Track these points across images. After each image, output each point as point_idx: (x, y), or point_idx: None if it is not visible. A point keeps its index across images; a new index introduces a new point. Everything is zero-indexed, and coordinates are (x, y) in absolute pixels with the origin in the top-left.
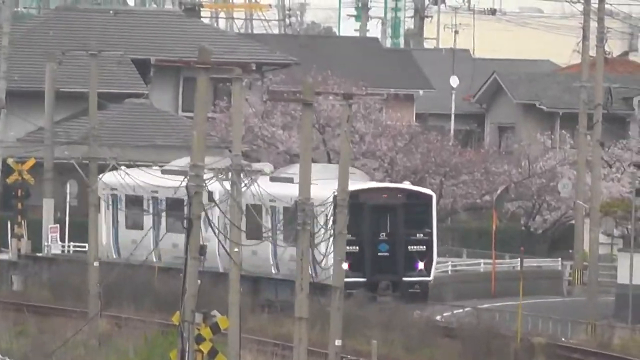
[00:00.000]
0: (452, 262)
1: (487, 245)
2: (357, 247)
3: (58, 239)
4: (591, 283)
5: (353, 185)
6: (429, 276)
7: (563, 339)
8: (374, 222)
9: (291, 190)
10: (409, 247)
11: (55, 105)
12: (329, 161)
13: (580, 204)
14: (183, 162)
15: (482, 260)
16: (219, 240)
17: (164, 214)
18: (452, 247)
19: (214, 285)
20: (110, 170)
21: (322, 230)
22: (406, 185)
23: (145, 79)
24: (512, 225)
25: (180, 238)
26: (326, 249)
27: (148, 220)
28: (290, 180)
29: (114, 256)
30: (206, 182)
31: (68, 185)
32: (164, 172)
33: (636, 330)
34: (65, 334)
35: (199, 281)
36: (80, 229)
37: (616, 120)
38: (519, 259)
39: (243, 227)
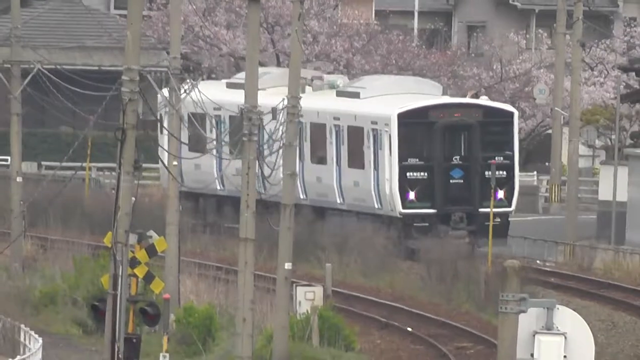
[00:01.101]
0: None
1: None
2: (426, 174)
3: None
4: (570, 200)
5: (421, 101)
6: (510, 207)
7: (538, 262)
8: (445, 144)
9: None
10: (487, 173)
11: None
12: (278, 64)
13: (558, 111)
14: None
15: None
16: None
17: (226, 135)
18: None
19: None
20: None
21: (387, 153)
22: (484, 100)
23: None
24: None
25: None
26: (392, 177)
27: (212, 143)
28: (356, 95)
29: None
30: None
31: None
32: (229, 85)
33: (619, 252)
34: None
35: (133, 198)
36: (1, 141)
37: (599, 18)
38: (490, 172)
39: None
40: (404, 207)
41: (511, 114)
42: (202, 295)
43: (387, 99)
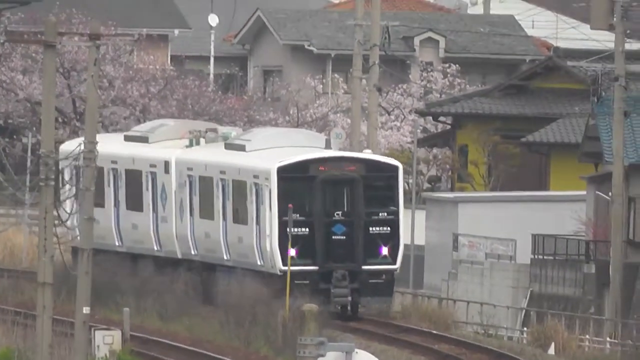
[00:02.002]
0: None
1: None
2: (307, 229)
3: None
4: None
5: (301, 154)
6: (395, 264)
7: (337, 306)
8: (327, 199)
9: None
10: (371, 229)
11: None
12: (74, 109)
13: None
14: (147, 126)
15: None
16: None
17: (122, 189)
18: None
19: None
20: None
21: (267, 208)
22: (367, 154)
23: None
24: None
25: (139, 218)
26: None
27: (109, 197)
28: (242, 147)
29: (79, 239)
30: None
31: None
32: (126, 138)
33: (417, 296)
34: None
35: None
36: None
37: (395, 63)
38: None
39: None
40: (284, 264)
41: (396, 168)
42: (0, 340)
43: (271, 152)
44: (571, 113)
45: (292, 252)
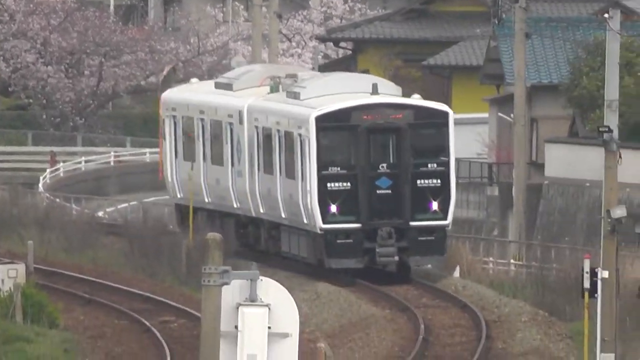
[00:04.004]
0: (114, 152)
1: (154, 132)
2: (349, 184)
3: None
4: None
5: (343, 102)
6: (445, 219)
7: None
8: (371, 150)
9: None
10: (419, 182)
11: None
12: None
13: None
14: (235, 73)
15: (147, 150)
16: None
17: (208, 141)
18: (114, 136)
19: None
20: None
21: (307, 161)
22: (415, 99)
23: None
24: None
25: (221, 172)
26: None
27: (199, 150)
28: (297, 95)
29: (179, 195)
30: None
31: None
32: (216, 85)
33: None
34: None
35: None
36: None
37: None
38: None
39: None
40: (324, 222)
41: (446, 114)
42: None
43: (320, 100)
44: (472, 36)
45: (334, 208)
